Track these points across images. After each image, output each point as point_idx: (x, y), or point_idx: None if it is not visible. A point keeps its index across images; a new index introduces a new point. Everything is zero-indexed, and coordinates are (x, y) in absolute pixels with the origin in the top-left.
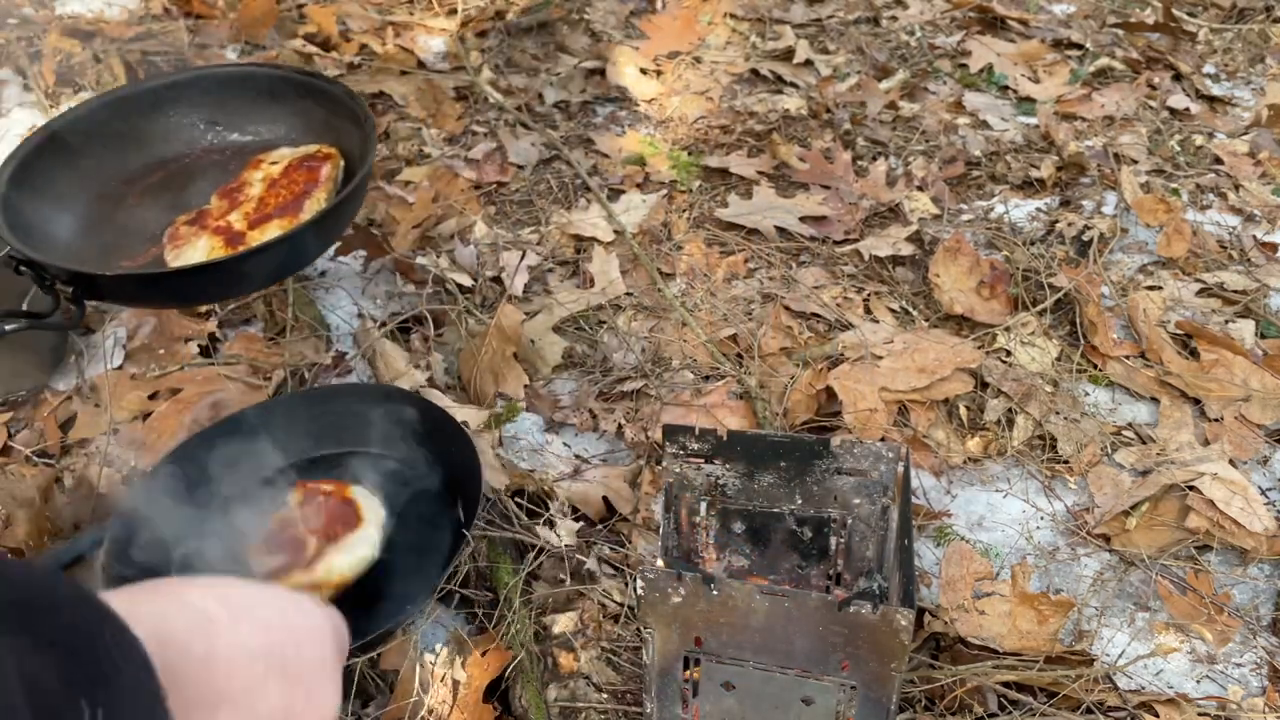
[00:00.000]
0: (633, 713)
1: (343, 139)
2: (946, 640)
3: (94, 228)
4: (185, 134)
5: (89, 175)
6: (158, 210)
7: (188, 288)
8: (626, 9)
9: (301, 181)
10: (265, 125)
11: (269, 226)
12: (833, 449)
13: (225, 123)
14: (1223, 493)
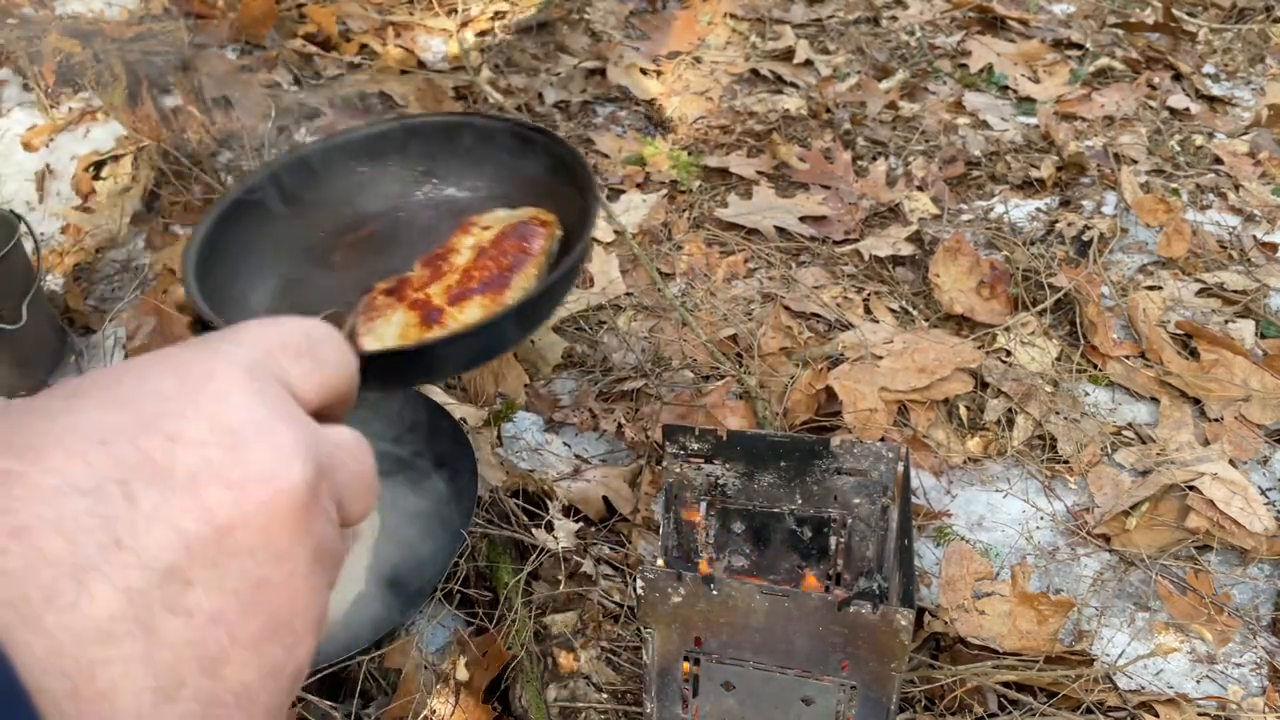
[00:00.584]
0: (633, 713)
1: (562, 204)
2: (946, 640)
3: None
4: (398, 186)
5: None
6: (361, 271)
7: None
8: (626, 9)
9: (512, 253)
10: (483, 181)
11: (470, 304)
12: (833, 449)
13: (441, 176)
14: (1223, 493)
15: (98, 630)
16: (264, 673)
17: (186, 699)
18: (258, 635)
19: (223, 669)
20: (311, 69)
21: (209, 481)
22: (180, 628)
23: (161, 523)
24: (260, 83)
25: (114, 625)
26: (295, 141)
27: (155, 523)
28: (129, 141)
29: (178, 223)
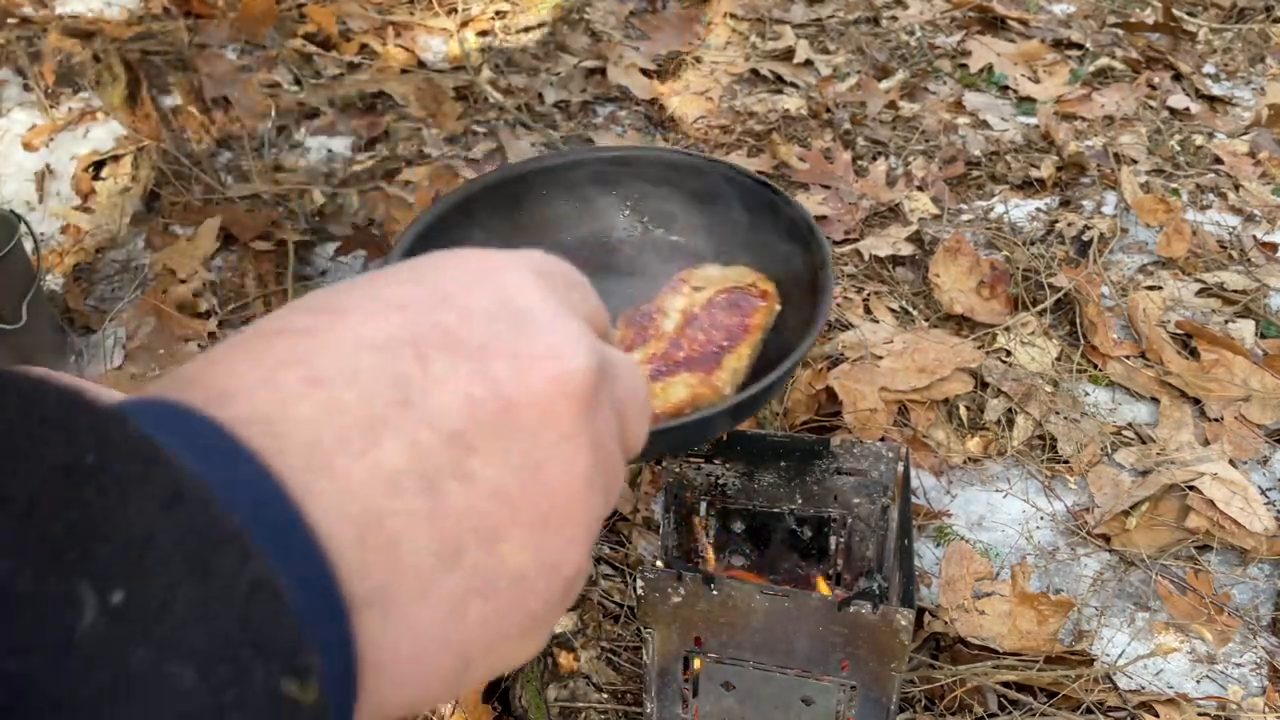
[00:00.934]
0: (633, 713)
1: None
2: (946, 640)
3: None
4: (609, 219)
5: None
6: None
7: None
8: (626, 9)
9: (726, 326)
10: (699, 232)
11: (675, 382)
12: (833, 449)
13: (654, 217)
14: (1223, 493)
15: (386, 481)
16: (541, 563)
17: (465, 570)
18: (536, 520)
19: (500, 546)
20: (311, 69)
21: (497, 353)
22: (462, 494)
23: (450, 387)
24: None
25: (401, 479)
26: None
27: (444, 386)
28: (129, 141)
29: (178, 223)
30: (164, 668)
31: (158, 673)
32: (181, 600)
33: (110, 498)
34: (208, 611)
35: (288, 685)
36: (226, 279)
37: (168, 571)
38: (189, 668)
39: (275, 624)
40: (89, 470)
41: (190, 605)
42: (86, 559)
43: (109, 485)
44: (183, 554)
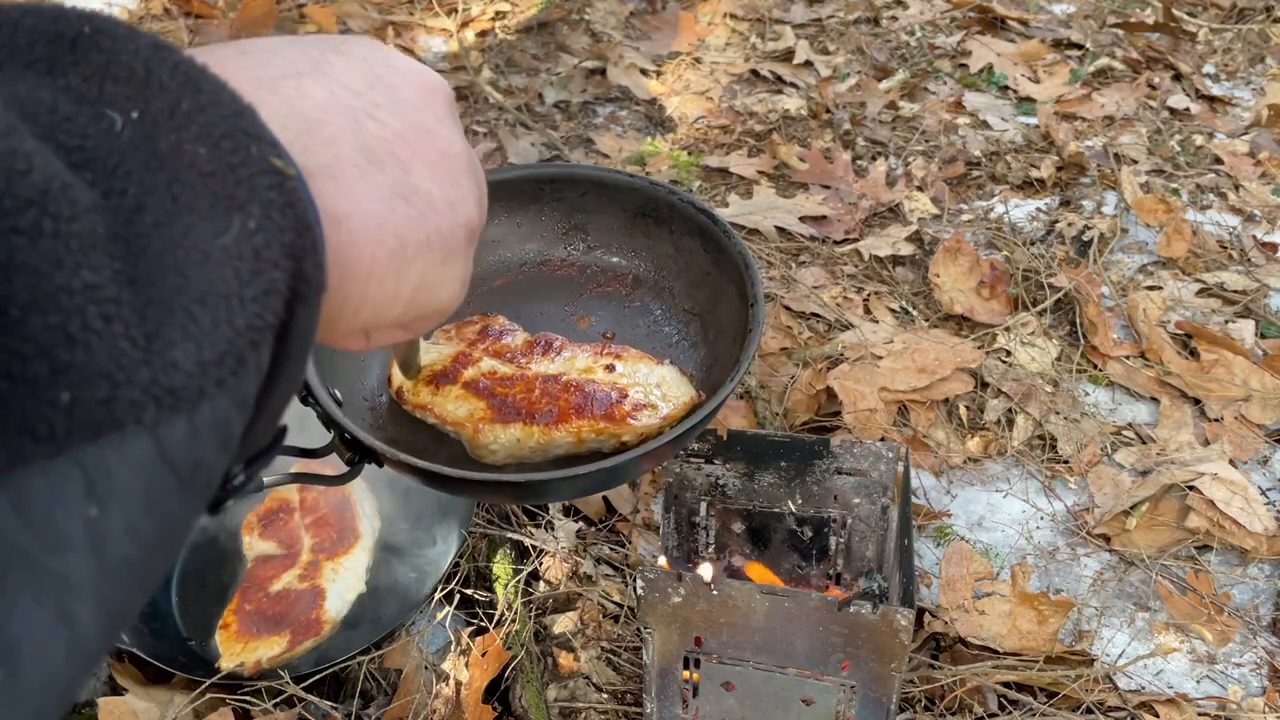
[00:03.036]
0: (633, 713)
1: (712, 299)
2: (946, 640)
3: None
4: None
5: None
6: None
7: (473, 491)
8: (626, 9)
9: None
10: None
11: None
12: (833, 449)
13: (594, 237)
14: (1223, 493)
15: (316, 104)
16: (444, 195)
17: (389, 176)
18: (434, 163)
19: (411, 171)
20: None
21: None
22: (375, 127)
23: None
24: None
25: (325, 106)
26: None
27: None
28: None
29: None
30: (182, 146)
31: (178, 150)
32: (186, 108)
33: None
34: (207, 115)
35: (274, 160)
36: None
37: (170, 93)
38: (200, 147)
39: (255, 124)
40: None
41: (192, 112)
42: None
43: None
44: (178, 81)
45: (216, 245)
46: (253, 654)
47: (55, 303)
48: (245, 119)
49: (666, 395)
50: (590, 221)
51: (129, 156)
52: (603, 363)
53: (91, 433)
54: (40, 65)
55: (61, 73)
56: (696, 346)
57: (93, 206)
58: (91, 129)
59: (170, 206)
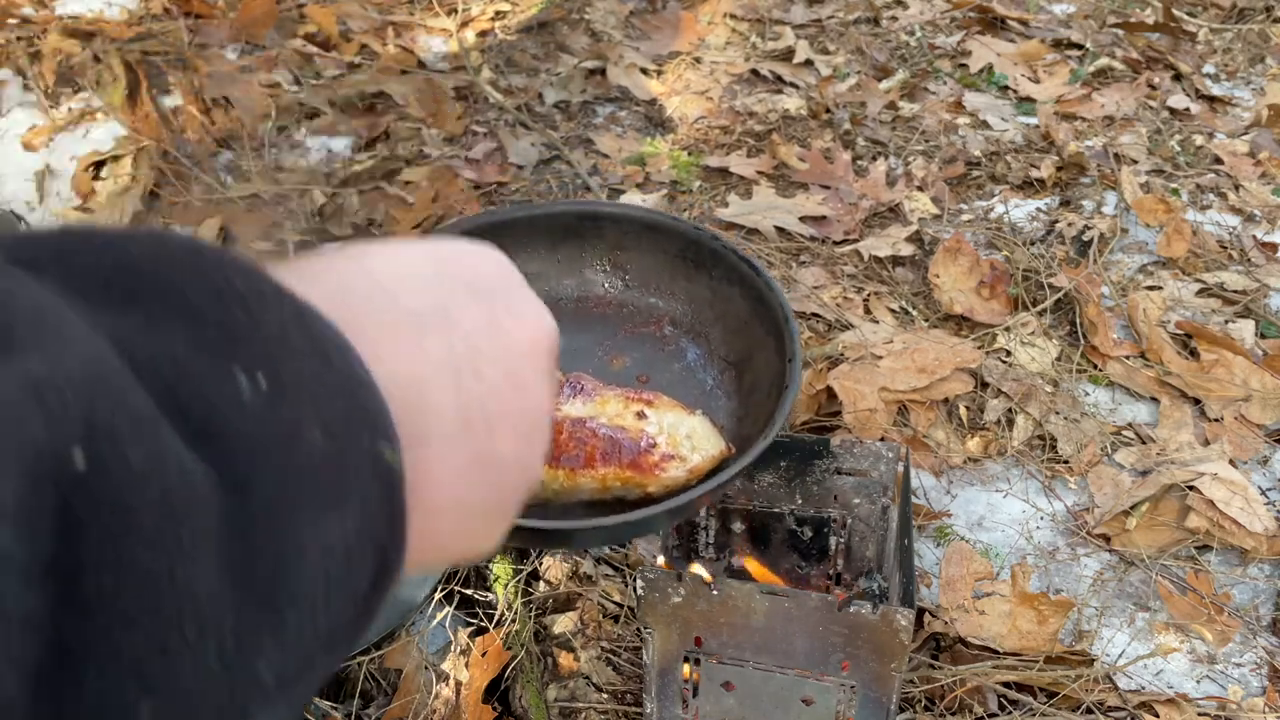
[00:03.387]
0: (633, 713)
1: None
2: (946, 640)
3: None
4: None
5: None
6: None
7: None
8: (626, 9)
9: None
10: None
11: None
12: (833, 449)
13: (633, 276)
14: (1223, 493)
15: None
16: (518, 456)
17: (474, 440)
18: (518, 423)
19: (496, 433)
20: (311, 69)
21: (503, 304)
22: (476, 387)
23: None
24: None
25: (440, 365)
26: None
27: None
28: (129, 141)
29: (178, 223)
30: (301, 428)
31: (297, 432)
32: (309, 379)
33: (252, 311)
34: (328, 390)
35: (383, 448)
36: None
37: (298, 358)
38: (317, 429)
39: (375, 404)
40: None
41: (316, 384)
42: (237, 352)
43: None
44: (309, 348)
45: (313, 543)
46: None
47: (156, 613)
48: (365, 397)
49: (696, 447)
50: (630, 261)
51: (251, 433)
52: (633, 409)
53: None
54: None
55: (201, 325)
56: (730, 396)
57: (210, 494)
58: (219, 394)
59: (278, 495)
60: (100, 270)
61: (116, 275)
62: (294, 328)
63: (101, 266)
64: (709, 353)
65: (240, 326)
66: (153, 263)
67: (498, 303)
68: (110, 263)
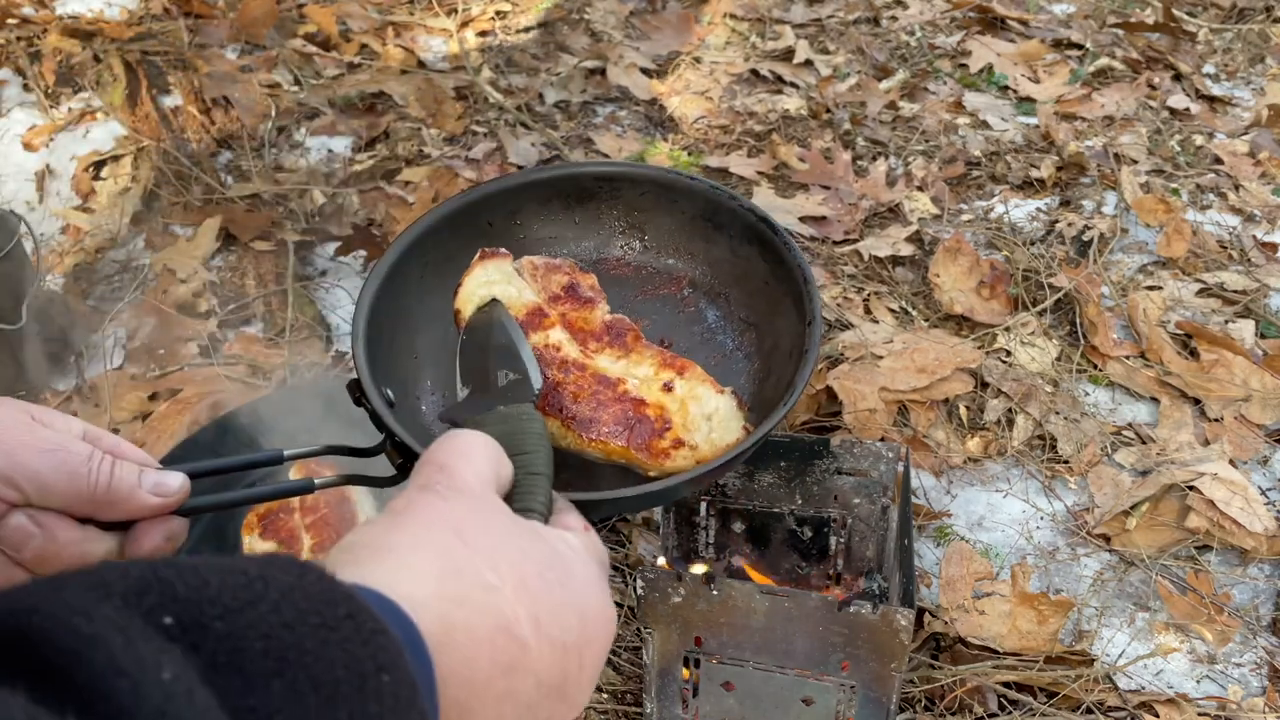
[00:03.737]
0: (633, 713)
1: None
2: (946, 640)
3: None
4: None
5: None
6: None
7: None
8: (626, 9)
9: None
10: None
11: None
12: (833, 449)
13: (651, 238)
14: (1223, 493)
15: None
16: None
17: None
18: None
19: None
20: (311, 69)
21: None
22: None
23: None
24: (260, 83)
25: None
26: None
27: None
28: (129, 141)
29: (178, 223)
30: None
31: None
32: None
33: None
34: None
35: None
36: (226, 279)
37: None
38: None
39: None
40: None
41: None
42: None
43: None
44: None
45: None
46: None
47: None
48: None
49: (712, 431)
50: (648, 222)
51: None
52: (663, 377)
53: None
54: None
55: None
56: (751, 358)
57: None
58: None
59: None
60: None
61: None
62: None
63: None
64: (729, 314)
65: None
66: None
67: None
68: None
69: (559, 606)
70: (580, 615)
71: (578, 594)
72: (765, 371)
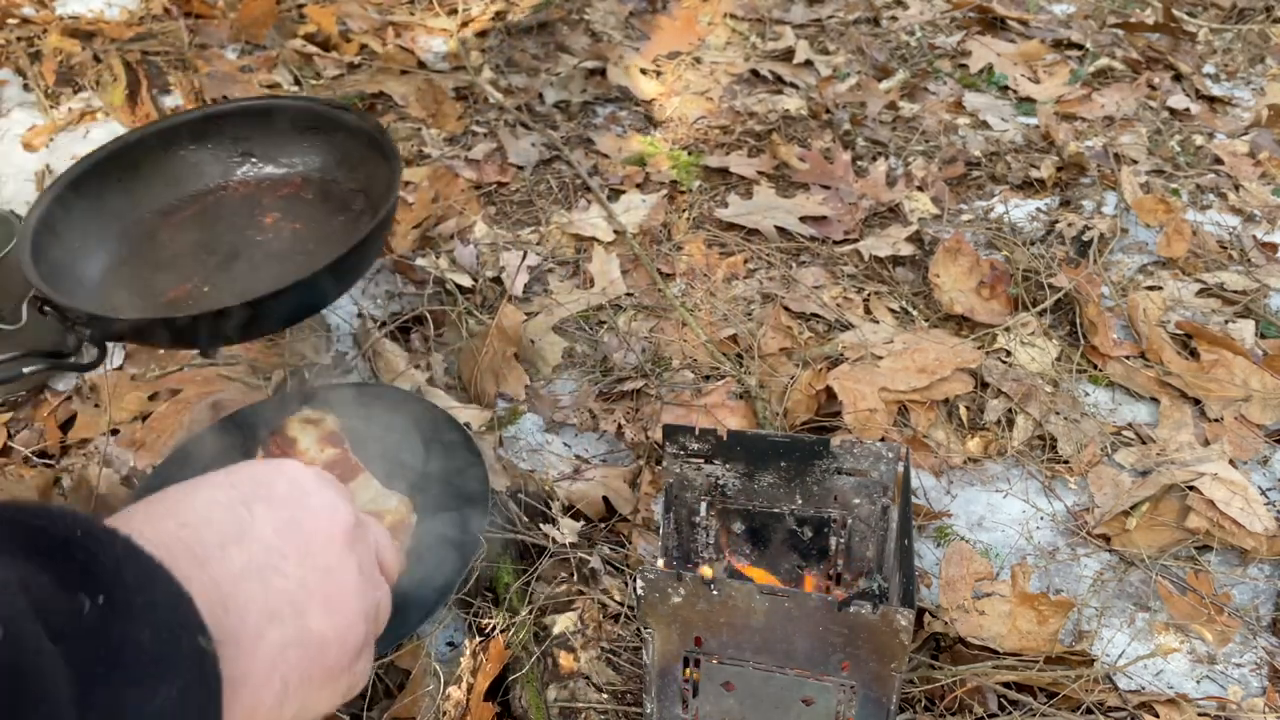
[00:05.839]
0: (633, 713)
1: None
2: (946, 640)
3: (126, 264)
4: (220, 166)
5: (123, 209)
6: (190, 245)
7: (203, 330)
8: (626, 9)
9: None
10: (298, 158)
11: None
12: (833, 449)
13: (260, 155)
14: (1223, 493)
15: (234, 575)
16: (336, 631)
17: (285, 628)
18: (328, 602)
19: (307, 616)
20: (311, 69)
21: (294, 505)
22: (280, 582)
23: (268, 522)
24: (260, 83)
25: (244, 573)
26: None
27: (264, 522)
28: None
29: None
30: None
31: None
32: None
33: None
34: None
35: (200, 640)
36: None
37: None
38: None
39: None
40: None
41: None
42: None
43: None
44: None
45: (147, 709)
46: None
47: None
48: (182, 609)
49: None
50: (254, 146)
51: (92, 635)
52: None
53: None
54: (42, 555)
55: (54, 562)
56: (364, 213)
57: (62, 673)
58: (67, 609)
59: (118, 676)
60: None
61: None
62: (126, 563)
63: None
64: (340, 189)
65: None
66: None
67: (291, 508)
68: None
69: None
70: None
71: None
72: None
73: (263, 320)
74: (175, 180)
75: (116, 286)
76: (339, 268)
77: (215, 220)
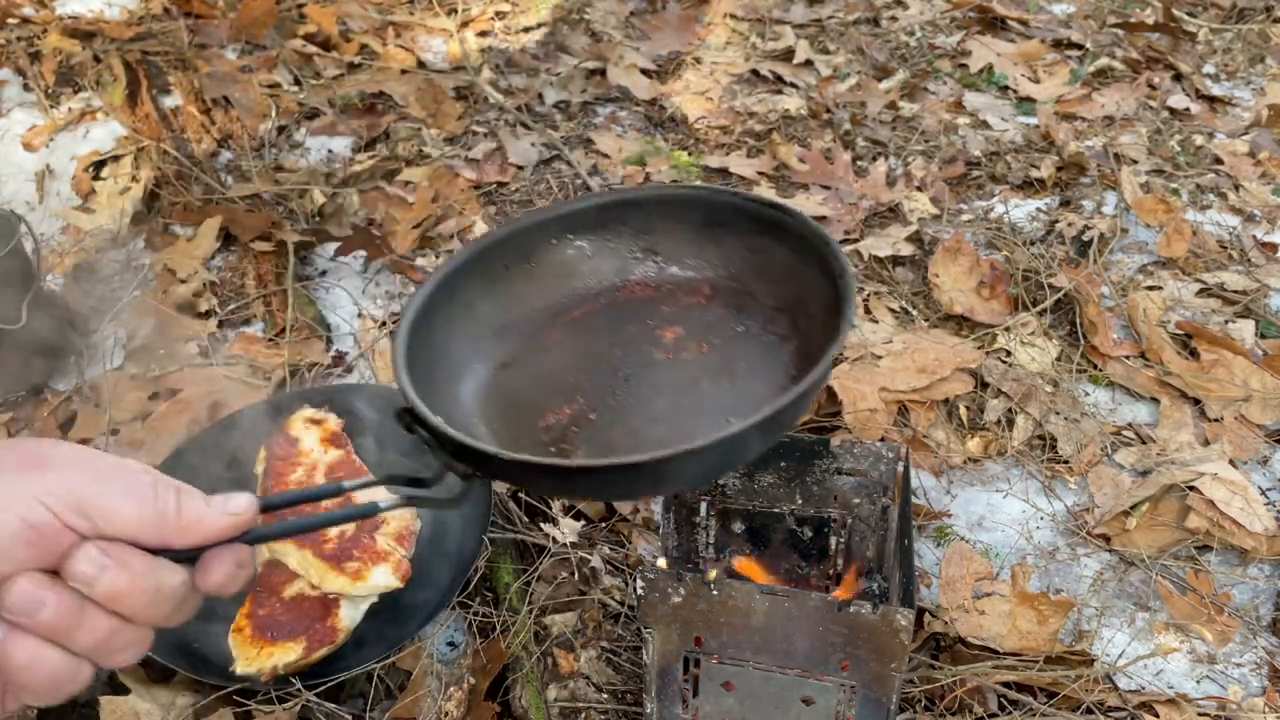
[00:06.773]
0: (633, 713)
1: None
2: (946, 640)
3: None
4: (617, 262)
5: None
6: (577, 356)
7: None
8: (626, 9)
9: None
10: (710, 260)
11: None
12: (833, 449)
13: (665, 253)
14: (1223, 493)
15: None
16: None
17: None
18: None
19: None
20: (311, 69)
21: None
22: None
23: None
24: (260, 83)
25: None
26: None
27: None
28: (129, 141)
29: (178, 223)
30: None
31: None
32: None
33: None
34: None
35: None
36: (226, 279)
37: None
38: None
39: None
40: None
41: None
42: None
43: None
44: None
45: None
46: (268, 660)
47: None
48: None
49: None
50: (658, 241)
51: None
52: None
53: None
54: None
55: None
56: (788, 339)
57: None
58: None
59: None
60: None
61: None
62: None
63: None
64: (757, 305)
65: None
66: None
67: None
68: None
69: None
70: None
71: None
72: (807, 346)
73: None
74: (567, 274)
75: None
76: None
77: (606, 329)
